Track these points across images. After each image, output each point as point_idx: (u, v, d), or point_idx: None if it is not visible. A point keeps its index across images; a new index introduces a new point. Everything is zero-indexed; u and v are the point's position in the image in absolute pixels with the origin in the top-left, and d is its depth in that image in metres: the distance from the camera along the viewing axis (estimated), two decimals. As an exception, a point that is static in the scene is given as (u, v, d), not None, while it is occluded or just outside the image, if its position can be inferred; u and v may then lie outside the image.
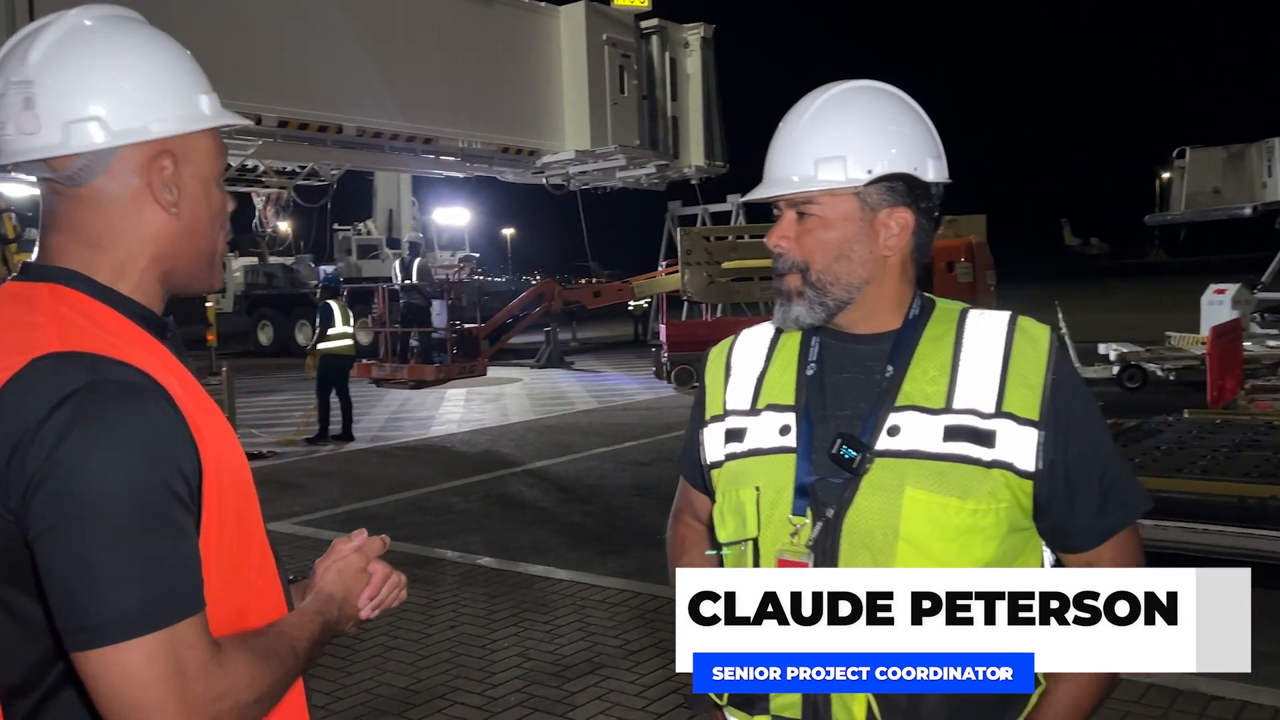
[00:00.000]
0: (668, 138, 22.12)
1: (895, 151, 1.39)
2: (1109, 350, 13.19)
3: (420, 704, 4.22)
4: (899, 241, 1.42)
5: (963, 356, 1.39)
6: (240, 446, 1.20)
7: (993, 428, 1.33)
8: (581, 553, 6.55)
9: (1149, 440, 6.85)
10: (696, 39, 22.76)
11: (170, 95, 1.18)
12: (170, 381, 1.09)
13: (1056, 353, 1.38)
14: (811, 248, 1.41)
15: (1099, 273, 56.32)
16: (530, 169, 21.71)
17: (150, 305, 1.21)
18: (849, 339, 1.45)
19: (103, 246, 1.17)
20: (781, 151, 1.44)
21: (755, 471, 1.44)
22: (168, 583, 1.02)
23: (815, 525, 1.36)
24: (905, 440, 1.35)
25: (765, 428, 1.46)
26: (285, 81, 14.21)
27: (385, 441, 11.59)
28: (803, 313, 1.43)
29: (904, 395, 1.38)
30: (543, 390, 16.39)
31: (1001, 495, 1.33)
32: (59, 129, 1.12)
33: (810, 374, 1.45)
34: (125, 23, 1.19)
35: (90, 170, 1.14)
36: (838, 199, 1.39)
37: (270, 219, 24.12)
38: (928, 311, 1.46)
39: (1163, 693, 4.02)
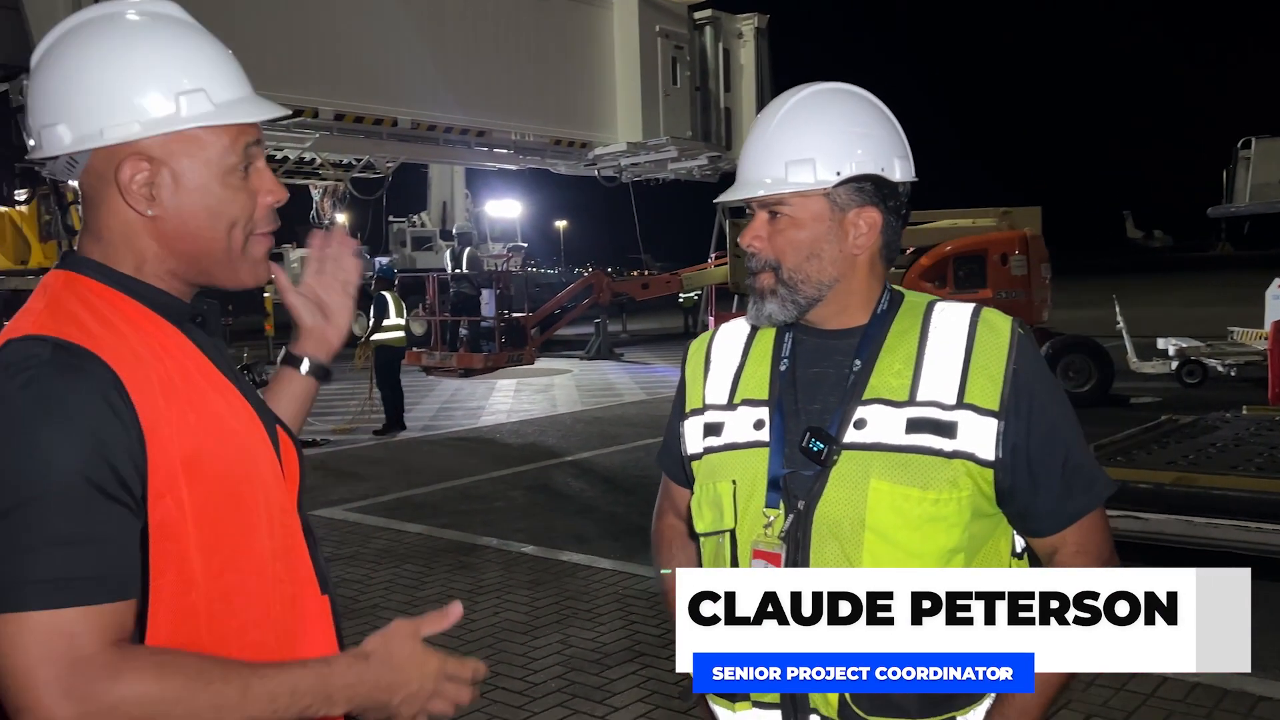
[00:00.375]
0: (720, 129, 22.03)
1: (862, 153, 1.43)
2: (1168, 345, 12.91)
3: (462, 689, 4.29)
4: (867, 240, 1.46)
5: (927, 349, 1.43)
6: (256, 445, 1.21)
7: (954, 419, 1.37)
8: (624, 543, 6.59)
9: (1204, 437, 6.72)
10: (750, 29, 22.62)
11: (130, 100, 1.15)
12: (141, 370, 1.10)
13: (1019, 343, 1.41)
14: (783, 247, 1.45)
15: (1162, 266, 55.02)
16: (582, 161, 21.78)
17: (177, 293, 1.23)
18: (821, 334, 1.50)
19: (102, 239, 1.20)
20: (754, 154, 1.49)
21: (731, 465, 1.49)
22: (75, 564, 1.02)
23: (787, 517, 1.41)
24: (870, 433, 1.40)
25: (741, 422, 1.51)
26: (342, 75, 14.42)
27: (436, 431, 11.76)
28: (775, 310, 1.47)
29: (870, 389, 1.42)
30: (591, 382, 16.47)
31: (963, 484, 1.37)
32: (37, 134, 1.17)
33: (783, 369, 1.50)
34: (111, 23, 1.18)
35: (71, 171, 1.18)
36: (808, 200, 1.44)
37: (327, 211, 24.47)
38: (896, 306, 1.50)
39: (1209, 692, 3.96)
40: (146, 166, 1.16)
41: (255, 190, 1.24)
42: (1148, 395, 12.13)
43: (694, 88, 21.77)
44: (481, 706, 4.11)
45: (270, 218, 1.27)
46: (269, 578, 1.20)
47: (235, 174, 1.21)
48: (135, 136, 1.15)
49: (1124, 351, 12.84)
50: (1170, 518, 5.23)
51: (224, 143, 1.20)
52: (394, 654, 1.20)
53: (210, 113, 1.18)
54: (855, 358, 1.45)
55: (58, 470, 1.03)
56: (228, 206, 1.21)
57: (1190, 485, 5.53)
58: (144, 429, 1.08)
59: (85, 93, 1.15)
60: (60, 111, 1.15)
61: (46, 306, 1.15)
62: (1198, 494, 5.43)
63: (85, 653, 1.01)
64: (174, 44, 1.19)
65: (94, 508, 1.04)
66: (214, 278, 1.25)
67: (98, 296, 1.17)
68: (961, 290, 12.26)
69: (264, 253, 1.28)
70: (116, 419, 1.06)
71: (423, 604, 5.38)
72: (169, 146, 1.17)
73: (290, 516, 1.26)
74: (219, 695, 1.06)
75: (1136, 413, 10.36)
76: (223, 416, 1.17)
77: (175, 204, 1.18)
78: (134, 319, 1.16)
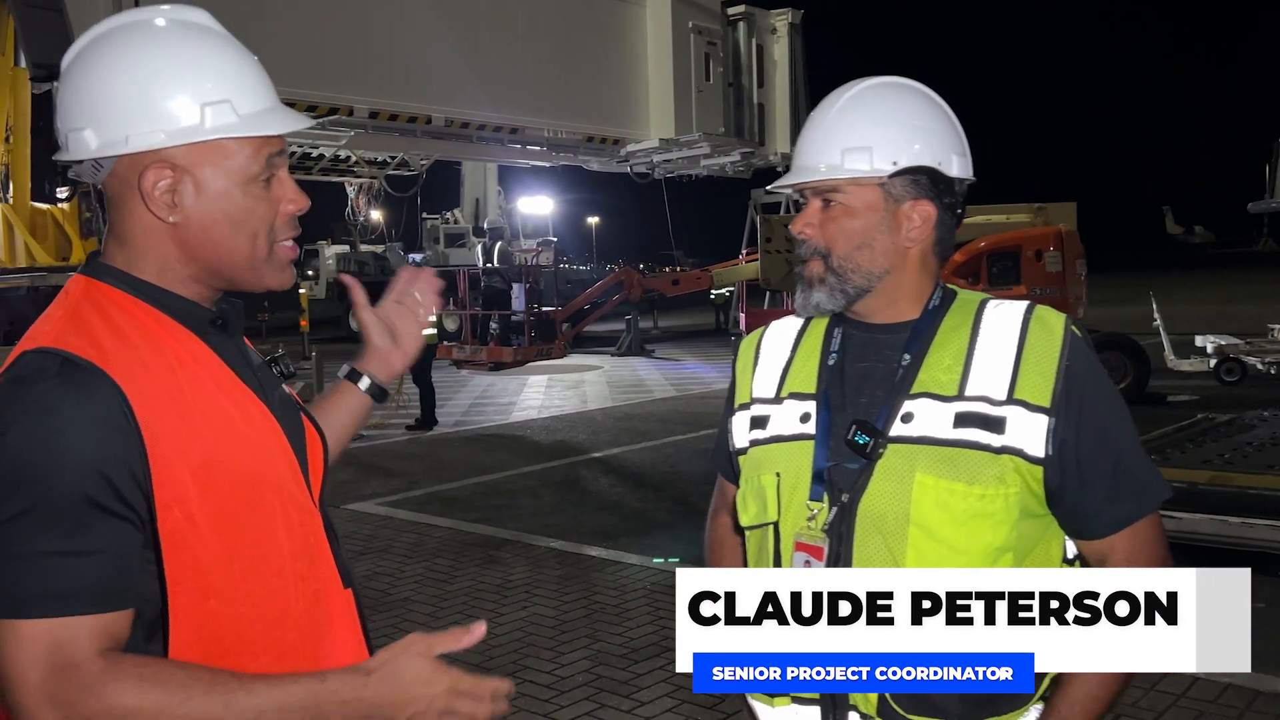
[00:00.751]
0: (753, 124, 21.89)
1: (920, 146, 1.43)
2: (1206, 342, 12.72)
3: (490, 682, 4.34)
4: (920, 233, 1.45)
5: (978, 345, 1.41)
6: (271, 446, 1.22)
7: (1003, 414, 1.36)
8: (654, 539, 6.63)
9: (1241, 436, 6.64)
10: (784, 25, 22.47)
11: (156, 108, 1.16)
12: (150, 382, 1.12)
13: (1072, 341, 1.39)
14: (835, 235, 1.45)
15: (1203, 262, 54.15)
16: (615, 157, 21.73)
17: (199, 299, 1.25)
18: (870, 329, 1.49)
19: (126, 243, 1.22)
20: (811, 141, 1.49)
21: (776, 458, 1.49)
22: (68, 574, 1.05)
23: (831, 510, 1.40)
24: (917, 427, 1.39)
25: (787, 415, 1.51)
26: (376, 73, 14.53)
27: (467, 426, 11.85)
28: (823, 299, 1.47)
29: (919, 383, 1.41)
30: (622, 378, 16.51)
31: (1010, 480, 1.35)
32: (64, 137, 1.20)
33: (831, 363, 1.50)
34: (140, 30, 1.20)
35: (96, 175, 1.20)
36: (862, 188, 1.44)
37: (362, 208, 24.67)
38: (948, 302, 1.49)
39: (1240, 693, 3.93)
40: (170, 174, 1.18)
41: (277, 199, 1.26)
42: (1185, 393, 11.96)
43: (727, 84, 21.66)
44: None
45: (291, 225, 1.28)
46: (290, 576, 1.22)
47: (257, 183, 1.23)
48: (160, 145, 1.17)
49: (1161, 349, 12.68)
50: (1205, 517, 5.18)
51: (248, 153, 1.21)
52: (401, 671, 1.16)
53: (235, 124, 1.19)
54: (904, 352, 1.44)
55: (56, 484, 1.06)
56: (249, 215, 1.23)
57: (1225, 484, 5.47)
58: (147, 443, 1.10)
59: (112, 99, 1.17)
60: (87, 117, 1.17)
61: (64, 316, 1.17)
62: (1233, 493, 5.37)
63: (73, 661, 1.05)
64: (201, 53, 1.20)
65: (89, 521, 1.07)
66: (237, 283, 1.27)
67: (115, 305, 1.19)
68: (995, 287, 12.14)
69: (289, 258, 1.29)
70: (118, 435, 1.09)
71: (452, 598, 5.45)
72: (192, 155, 1.19)
73: (310, 515, 1.28)
74: (200, 709, 1.06)
75: (1173, 411, 10.23)
76: (235, 422, 1.19)
77: (197, 212, 1.20)
78: (149, 328, 1.18)
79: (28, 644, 1.05)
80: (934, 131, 1.45)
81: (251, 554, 1.18)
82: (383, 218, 25.86)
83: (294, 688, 1.11)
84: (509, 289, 20.76)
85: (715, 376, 16.25)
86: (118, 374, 1.11)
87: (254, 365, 1.31)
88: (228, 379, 1.22)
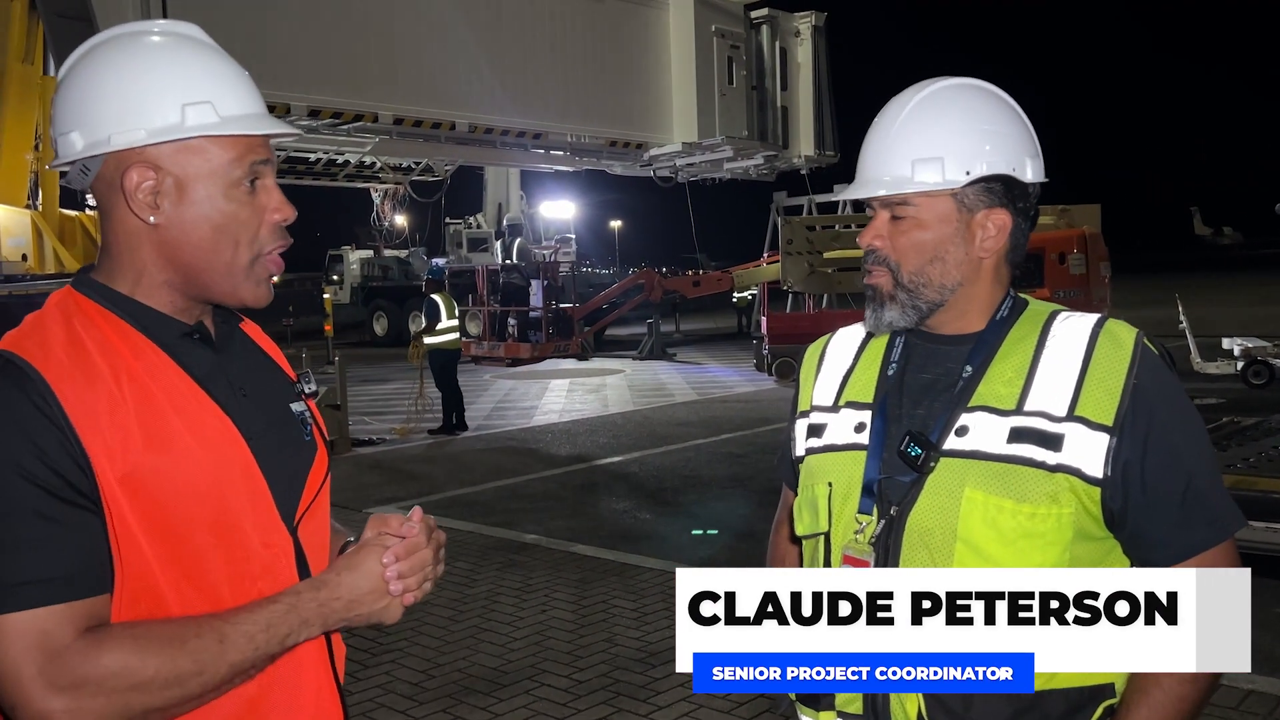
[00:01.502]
0: (777, 128, 21.87)
1: (993, 152, 1.37)
2: (1233, 345, 12.58)
3: (509, 684, 4.36)
4: (996, 244, 1.40)
5: (1042, 359, 1.36)
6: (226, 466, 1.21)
7: (1061, 431, 1.30)
8: (673, 542, 6.64)
9: (1267, 439, 6.55)
10: (808, 27, 22.42)
11: (138, 107, 1.18)
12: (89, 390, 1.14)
13: (1143, 357, 1.33)
14: (905, 249, 1.39)
15: (1231, 264, 53.53)
16: (638, 162, 21.77)
17: (173, 312, 1.25)
18: (935, 339, 1.44)
19: (109, 253, 1.25)
20: (876, 150, 1.42)
21: (830, 467, 1.46)
22: (35, 563, 1.07)
23: (879, 523, 1.37)
24: (971, 441, 1.34)
25: (842, 424, 1.47)
26: (400, 80, 14.68)
27: (489, 430, 11.89)
28: (895, 317, 1.42)
29: (978, 396, 1.36)
30: (644, 381, 16.51)
31: (1064, 500, 1.29)
32: (55, 141, 1.24)
33: (891, 373, 1.46)
34: (130, 39, 1.23)
35: (84, 179, 1.23)
36: (934, 200, 1.38)
37: (387, 213, 24.88)
38: (1017, 313, 1.43)
39: (1263, 699, 3.89)
40: (152, 175, 1.20)
41: (262, 207, 1.26)
42: (1212, 396, 11.83)
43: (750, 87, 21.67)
44: (527, 704, 4.18)
45: (278, 235, 1.28)
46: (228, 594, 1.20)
47: (240, 188, 1.23)
48: (140, 143, 1.19)
49: (1188, 352, 12.55)
50: (1227, 522, 5.12)
51: (230, 156, 1.22)
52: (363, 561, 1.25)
53: (215, 124, 1.21)
54: (966, 364, 1.39)
55: (5, 480, 1.08)
56: (231, 221, 1.23)
57: (1249, 489, 5.41)
58: (83, 442, 1.11)
59: (97, 102, 1.20)
60: (75, 120, 1.21)
61: (31, 321, 1.21)
62: (1257, 498, 5.31)
63: (60, 644, 1.07)
64: (186, 60, 1.23)
65: (48, 511, 1.09)
66: (212, 292, 1.26)
67: (83, 314, 1.21)
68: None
69: (269, 274, 1.29)
70: (54, 429, 1.10)
71: (471, 601, 5.47)
72: (175, 156, 1.20)
73: (277, 534, 1.25)
74: (198, 650, 1.12)
75: (1200, 414, 10.11)
76: (179, 436, 1.18)
77: (178, 214, 1.21)
78: (109, 339, 1.19)
79: (15, 638, 1.06)
80: (1006, 135, 1.38)
81: (190, 567, 1.17)
82: (407, 223, 26.05)
83: (273, 606, 1.18)
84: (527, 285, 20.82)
85: (737, 380, 16.24)
86: (54, 378, 1.13)
87: (234, 380, 1.29)
88: (184, 393, 1.21)
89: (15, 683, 1.07)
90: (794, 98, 22.01)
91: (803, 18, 22.00)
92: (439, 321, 11.48)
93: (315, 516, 1.33)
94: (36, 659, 1.07)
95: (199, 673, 1.12)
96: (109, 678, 1.08)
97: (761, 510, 7.30)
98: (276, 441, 1.28)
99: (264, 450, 1.25)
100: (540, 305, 19.83)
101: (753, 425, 11.48)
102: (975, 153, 1.36)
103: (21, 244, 18.27)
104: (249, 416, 1.26)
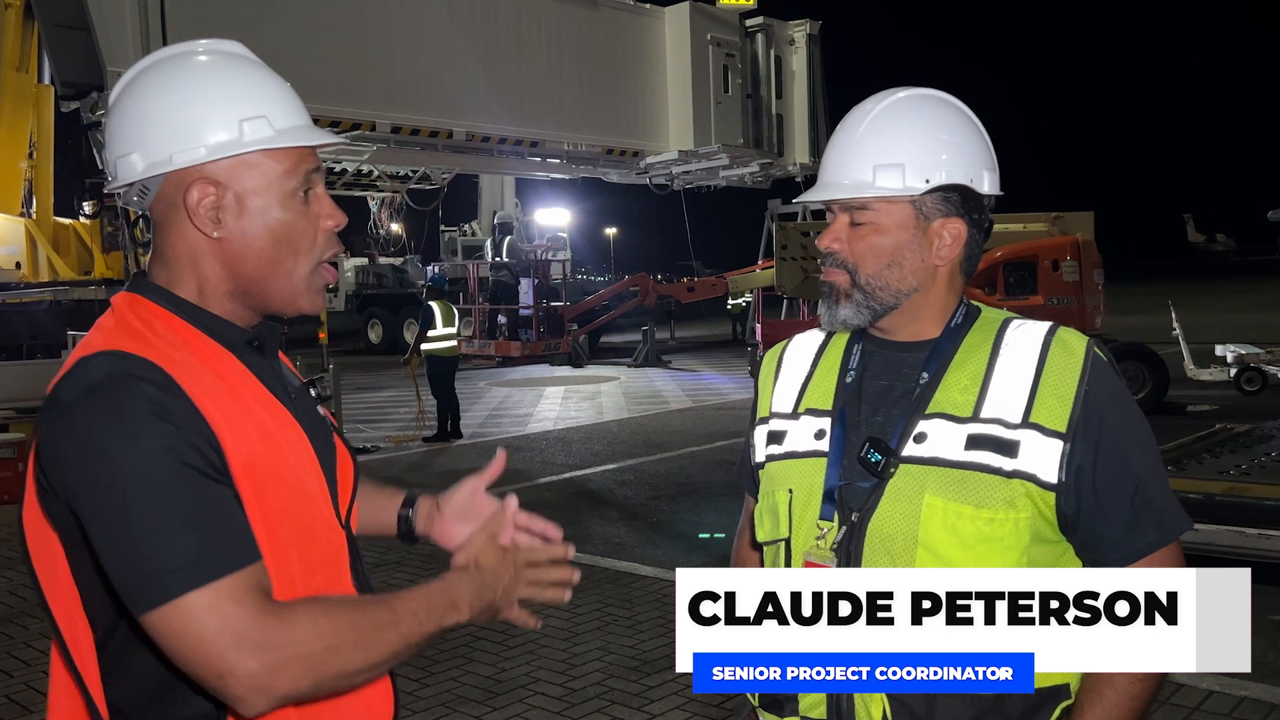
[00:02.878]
0: (772, 135, 21.91)
1: (952, 162, 1.40)
2: (1226, 351, 12.61)
3: (503, 693, 4.35)
4: (950, 252, 1.43)
5: (997, 366, 1.39)
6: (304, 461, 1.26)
7: (1017, 438, 1.33)
8: (667, 550, 6.62)
9: (1260, 446, 6.58)
10: (802, 36, 22.48)
11: (197, 126, 1.23)
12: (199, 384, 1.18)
13: (1094, 365, 1.36)
14: (863, 252, 1.42)
15: (1225, 271, 53.72)
16: (634, 169, 21.78)
17: (235, 319, 1.30)
18: (891, 346, 1.47)
19: (168, 263, 1.28)
20: (839, 155, 1.45)
21: (790, 474, 1.48)
22: (203, 541, 1.10)
23: (840, 529, 1.39)
24: (929, 447, 1.37)
25: (802, 431, 1.49)
26: (398, 89, 14.69)
27: (484, 438, 11.86)
28: (850, 315, 1.45)
29: (935, 403, 1.39)
30: (638, 389, 16.50)
31: (1021, 505, 1.32)
32: (113, 165, 1.27)
33: (849, 380, 1.48)
34: (181, 60, 1.28)
35: (143, 200, 1.28)
36: (893, 206, 1.41)
37: (384, 221, 24.87)
38: (970, 320, 1.47)
39: (1257, 706, 3.89)
40: (213, 191, 1.24)
41: (316, 215, 1.31)
42: (1205, 403, 11.86)
43: (745, 95, 21.71)
44: (521, 712, 4.16)
45: (331, 242, 1.34)
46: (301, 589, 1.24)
47: (295, 198, 1.28)
48: (201, 160, 1.23)
49: (1181, 358, 12.58)
50: (1221, 529, 5.13)
51: (284, 167, 1.27)
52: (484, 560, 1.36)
53: (271, 137, 1.25)
54: (923, 370, 1.42)
55: (160, 465, 1.11)
56: (289, 230, 1.28)
57: (1242, 495, 5.42)
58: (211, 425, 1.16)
59: (156, 123, 1.24)
60: (133, 142, 1.24)
61: (115, 324, 1.24)
62: (1249, 505, 5.31)
63: (254, 611, 1.09)
64: (238, 77, 1.28)
65: (197, 486, 1.12)
66: (271, 301, 1.31)
67: (157, 319, 1.25)
68: (1011, 297, 12.08)
69: (324, 284, 1.35)
70: (189, 413, 1.14)
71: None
72: (233, 171, 1.25)
73: (335, 532, 1.31)
74: (377, 618, 1.18)
75: (1192, 421, 10.14)
76: (273, 433, 1.23)
77: (239, 226, 1.26)
78: (189, 342, 1.24)
79: (200, 615, 1.08)
80: (966, 147, 1.42)
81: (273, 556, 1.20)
82: (403, 230, 26.01)
83: (429, 589, 1.26)
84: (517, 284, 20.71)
85: (732, 387, 16.24)
86: (169, 367, 1.16)
87: (288, 386, 1.35)
88: (263, 394, 1.26)
89: (217, 657, 1.08)
90: (789, 105, 22.07)
91: (797, 26, 22.06)
92: (433, 328, 11.45)
93: (354, 515, 1.40)
94: (234, 628, 1.08)
95: (379, 641, 1.17)
96: (304, 639, 1.11)
97: (757, 517, 7.29)
98: (321, 444, 1.33)
99: (317, 451, 1.31)
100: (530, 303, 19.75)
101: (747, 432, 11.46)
102: (935, 162, 1.40)
103: (15, 252, 18.26)
104: (301, 419, 1.31)
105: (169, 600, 1.08)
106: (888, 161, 1.40)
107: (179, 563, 1.08)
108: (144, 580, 1.08)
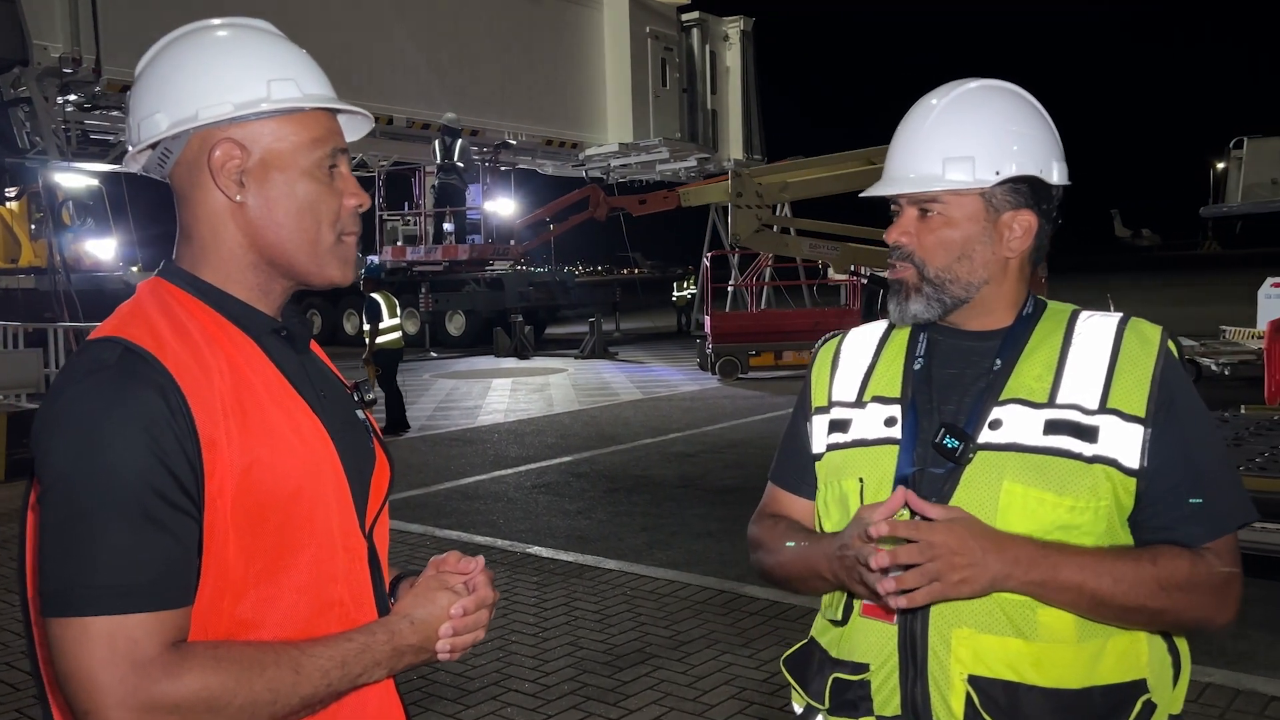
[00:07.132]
0: (707, 130, 21.97)
1: (1022, 153, 1.40)
2: (1161, 344, 12.94)
3: (475, 690, 4.28)
4: (1021, 244, 1.42)
5: (1070, 353, 1.39)
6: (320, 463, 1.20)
7: (1096, 423, 1.33)
8: (629, 543, 6.60)
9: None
10: (736, 32, 22.59)
11: (224, 82, 1.20)
12: (205, 379, 1.13)
13: (1166, 353, 1.37)
14: (933, 246, 1.42)
15: (1151, 265, 55.31)
16: (573, 162, 21.63)
17: (257, 303, 1.26)
18: (959, 335, 1.47)
19: (192, 239, 1.25)
20: (906, 148, 1.45)
21: (859, 462, 1.46)
22: (133, 568, 1.05)
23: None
24: (1006, 433, 1.35)
25: (870, 419, 1.48)
26: (338, 73, 14.35)
27: (433, 431, 11.72)
28: (920, 309, 1.44)
29: (1009, 389, 1.38)
30: (587, 381, 16.44)
31: (1102, 492, 1.33)
32: (136, 127, 1.23)
33: (917, 368, 1.47)
34: (209, 30, 1.25)
35: (164, 165, 1.24)
36: (963, 199, 1.40)
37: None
38: (1040, 311, 1.47)
39: (1220, 692, 3.99)
40: (238, 153, 1.21)
41: (339, 191, 1.27)
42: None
43: (681, 89, 21.71)
44: (496, 710, 4.10)
45: (355, 219, 1.30)
46: (319, 597, 1.20)
47: (321, 170, 1.25)
48: (228, 116, 1.20)
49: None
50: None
51: (311, 137, 1.24)
52: (432, 603, 1.27)
53: (299, 98, 1.23)
54: (995, 358, 1.42)
55: (121, 477, 1.05)
56: (314, 201, 1.24)
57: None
58: (200, 436, 1.10)
59: (183, 83, 1.21)
60: (159, 101, 1.21)
61: (129, 310, 1.20)
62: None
63: (146, 656, 1.04)
64: (267, 44, 1.26)
65: (156, 515, 1.07)
66: (298, 271, 1.26)
67: (179, 303, 1.21)
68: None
69: (352, 256, 1.31)
70: (176, 424, 1.09)
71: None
72: (260, 137, 1.22)
73: (354, 539, 1.25)
74: (274, 679, 1.10)
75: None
76: (282, 432, 1.18)
77: (263, 193, 1.22)
78: (209, 329, 1.19)
79: (99, 643, 1.03)
80: (1036, 138, 1.42)
81: (273, 562, 1.16)
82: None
83: (347, 644, 1.18)
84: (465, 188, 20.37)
85: (681, 379, 16.26)
86: (173, 365, 1.12)
87: (315, 381, 1.29)
88: (281, 388, 1.21)
89: (91, 690, 1.03)
90: (723, 101, 22.16)
91: (731, 22, 22.16)
92: (380, 320, 11.26)
93: (382, 524, 1.33)
94: (119, 668, 1.03)
95: (272, 702, 1.10)
96: (188, 698, 1.05)
97: (716, 510, 7.31)
98: (350, 446, 1.27)
99: (343, 453, 1.25)
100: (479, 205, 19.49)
101: (700, 424, 11.50)
102: (1006, 153, 1.39)
103: (-62, 239, 17.56)
104: (329, 418, 1.25)
105: (71, 615, 1.04)
106: (957, 154, 1.39)
107: (98, 581, 1.04)
108: (59, 583, 1.05)
